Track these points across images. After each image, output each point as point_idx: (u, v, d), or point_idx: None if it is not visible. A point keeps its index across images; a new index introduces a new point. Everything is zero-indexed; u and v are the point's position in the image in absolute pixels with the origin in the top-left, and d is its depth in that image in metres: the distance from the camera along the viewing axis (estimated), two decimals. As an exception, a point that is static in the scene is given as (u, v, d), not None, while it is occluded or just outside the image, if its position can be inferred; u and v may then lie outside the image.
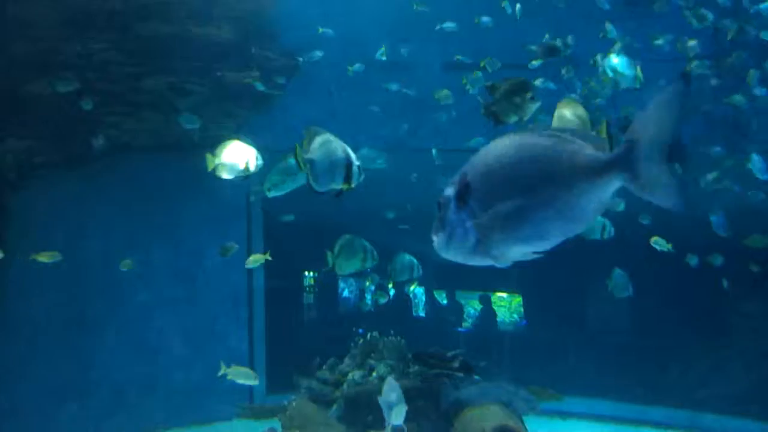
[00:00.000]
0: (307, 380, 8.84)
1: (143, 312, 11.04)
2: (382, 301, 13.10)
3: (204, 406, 10.47)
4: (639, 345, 12.80)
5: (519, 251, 2.65)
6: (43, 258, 8.48)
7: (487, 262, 2.72)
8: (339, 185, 4.56)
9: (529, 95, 4.54)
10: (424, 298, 18.13)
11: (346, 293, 18.01)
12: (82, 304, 10.58)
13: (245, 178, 6.38)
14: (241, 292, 11.68)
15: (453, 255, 2.74)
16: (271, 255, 8.93)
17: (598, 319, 14.02)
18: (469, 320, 17.73)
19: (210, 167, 6.31)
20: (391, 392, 6.05)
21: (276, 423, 8.40)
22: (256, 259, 9.28)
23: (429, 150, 11.26)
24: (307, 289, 16.16)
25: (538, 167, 2.49)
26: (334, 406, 8.56)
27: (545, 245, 2.64)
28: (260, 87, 10.26)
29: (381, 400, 6.07)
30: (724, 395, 11.57)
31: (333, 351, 9.37)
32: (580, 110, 4.45)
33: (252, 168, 6.29)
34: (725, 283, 10.37)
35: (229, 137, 6.71)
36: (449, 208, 2.67)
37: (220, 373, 7.95)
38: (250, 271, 11.39)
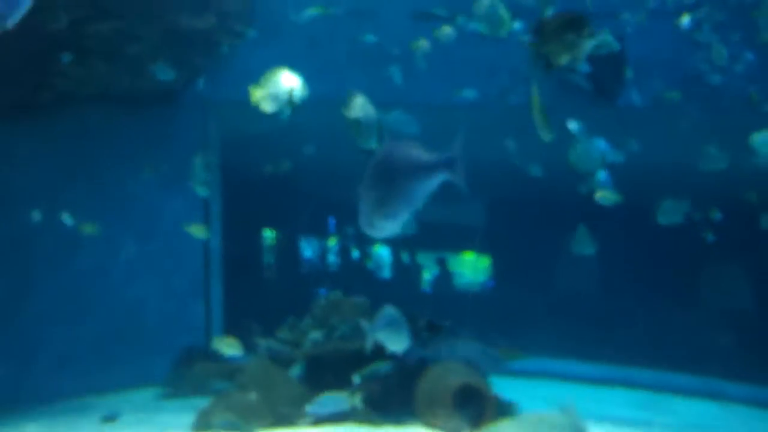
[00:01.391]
0: (267, 340, 8.55)
1: (92, 275, 10.55)
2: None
3: (160, 367, 10.08)
4: (604, 306, 12.79)
5: (388, 225, 3.83)
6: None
7: (379, 234, 3.91)
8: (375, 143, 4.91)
9: (586, 31, 4.08)
10: (389, 259, 17.93)
11: (308, 253, 17.69)
12: (25, 266, 10.05)
13: (291, 109, 5.75)
14: (197, 252, 11.25)
15: (362, 227, 3.89)
16: (227, 215, 8.57)
17: (564, 280, 13.96)
18: (436, 281, 17.66)
19: (253, 100, 5.72)
20: (387, 318, 5.77)
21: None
22: (198, 230, 8.92)
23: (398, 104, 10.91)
24: (268, 249, 15.78)
25: (396, 167, 3.74)
26: (295, 366, 8.30)
27: (400, 220, 3.84)
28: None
29: (373, 326, 5.78)
30: (686, 354, 11.62)
31: (294, 312, 9.06)
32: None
33: (297, 98, 5.69)
34: (688, 245, 10.27)
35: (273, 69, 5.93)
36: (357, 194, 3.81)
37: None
38: (206, 228, 10.97)
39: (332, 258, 16.69)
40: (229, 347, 7.78)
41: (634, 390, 11.16)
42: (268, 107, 5.65)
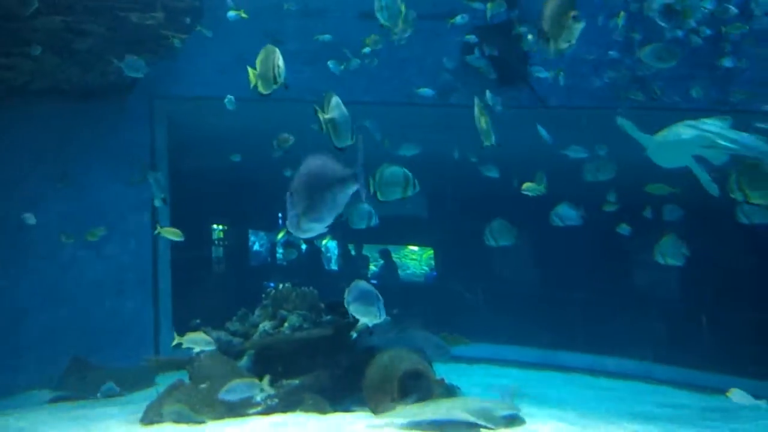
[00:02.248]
0: (216, 332, 8.65)
1: (39, 267, 10.50)
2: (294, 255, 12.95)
3: (108, 362, 10.09)
4: (544, 294, 13.22)
5: (315, 228, 4.51)
6: None
7: (305, 235, 4.59)
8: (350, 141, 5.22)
9: (572, 14, 4.44)
10: (336, 252, 18.09)
11: (257, 247, 17.73)
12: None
13: (285, 88, 5.61)
14: (146, 245, 11.28)
15: (290, 230, 4.51)
16: (176, 209, 8.61)
17: (504, 269, 14.37)
18: (383, 272, 17.90)
19: (252, 81, 5.68)
20: (359, 292, 6.05)
21: (184, 375, 8.20)
22: (171, 233, 8.95)
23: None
24: (217, 242, 15.79)
25: (318, 178, 4.45)
26: (244, 357, 8.45)
27: (325, 224, 4.54)
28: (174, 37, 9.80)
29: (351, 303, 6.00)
30: (625, 340, 12.16)
31: (244, 304, 9.20)
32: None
33: (280, 77, 5.50)
34: (626, 234, 10.69)
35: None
36: (288, 201, 4.41)
37: (174, 342, 7.61)
38: (154, 223, 11.02)
39: (281, 251, 16.78)
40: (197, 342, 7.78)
41: (569, 373, 11.66)
42: (263, 91, 5.60)
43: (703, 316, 12.50)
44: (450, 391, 8.54)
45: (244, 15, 9.70)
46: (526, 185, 8.36)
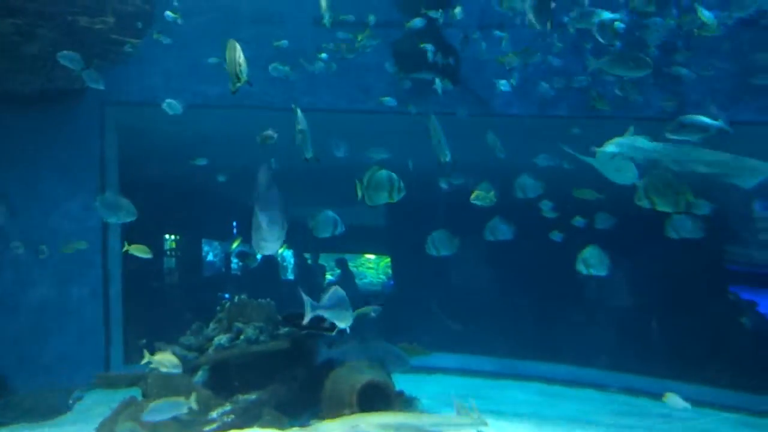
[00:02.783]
0: (170, 346, 8.42)
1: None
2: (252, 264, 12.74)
3: (56, 376, 9.75)
4: (501, 302, 13.27)
5: (276, 245, 5.09)
6: None
7: (265, 251, 5.38)
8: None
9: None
10: (292, 261, 17.90)
11: (210, 257, 17.41)
12: None
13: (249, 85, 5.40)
14: (96, 254, 10.95)
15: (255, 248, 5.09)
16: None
17: (461, 278, 14.39)
18: (339, 281, 17.78)
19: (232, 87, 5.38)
20: (335, 298, 6.09)
21: (136, 392, 7.95)
22: (140, 250, 8.69)
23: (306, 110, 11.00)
24: (169, 252, 15.44)
25: (276, 201, 4.93)
26: (199, 372, 8.24)
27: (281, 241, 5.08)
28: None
29: (322, 305, 6.04)
30: (576, 348, 12.26)
31: (198, 317, 8.99)
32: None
33: (241, 71, 5.22)
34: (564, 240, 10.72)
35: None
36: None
37: (144, 360, 7.32)
38: (105, 232, 10.72)
39: (235, 261, 16.51)
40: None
41: (527, 382, 11.71)
42: (231, 85, 5.39)
43: (656, 323, 12.71)
44: (409, 404, 8.51)
45: (178, 19, 9.51)
46: (475, 194, 8.30)
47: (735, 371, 10.99)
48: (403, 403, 8.32)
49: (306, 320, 5.90)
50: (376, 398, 7.68)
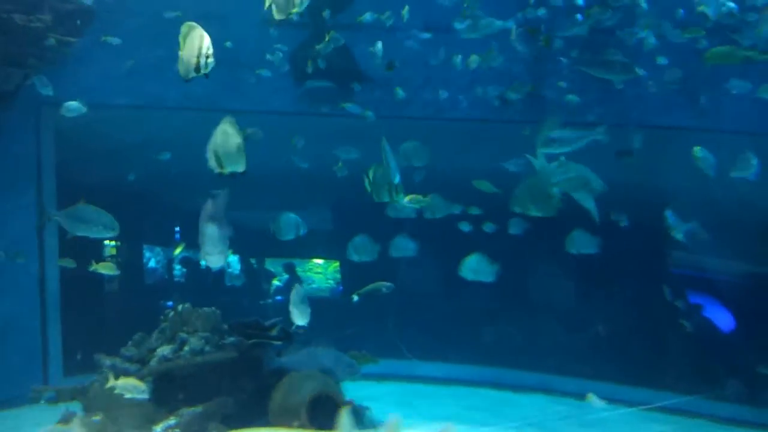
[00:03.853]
0: (111, 359, 8.11)
1: None
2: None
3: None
4: (449, 308, 13.24)
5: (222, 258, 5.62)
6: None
7: (213, 264, 5.73)
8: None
9: None
10: (239, 267, 17.57)
11: (152, 264, 16.97)
12: None
13: (206, 76, 4.70)
14: (32, 265, 10.51)
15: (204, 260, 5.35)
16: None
17: (410, 283, 14.29)
18: (286, 287, 17.54)
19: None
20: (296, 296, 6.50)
21: (76, 406, 7.64)
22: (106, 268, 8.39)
23: (246, 112, 10.81)
24: (109, 259, 14.94)
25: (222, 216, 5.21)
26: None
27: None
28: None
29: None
30: (525, 352, 12.33)
31: (140, 326, 8.68)
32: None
33: (206, 63, 4.54)
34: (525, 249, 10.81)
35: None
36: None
37: (108, 384, 6.98)
38: (41, 239, 10.29)
39: (179, 268, 16.12)
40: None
41: (477, 388, 11.72)
42: (184, 74, 4.71)
43: (601, 327, 12.86)
44: (359, 413, 8.41)
45: None
46: (409, 197, 8.14)
47: (677, 374, 11.20)
48: (353, 411, 8.20)
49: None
50: (326, 408, 7.56)
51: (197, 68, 4.56)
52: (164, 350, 8.16)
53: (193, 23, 4.69)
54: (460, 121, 11.53)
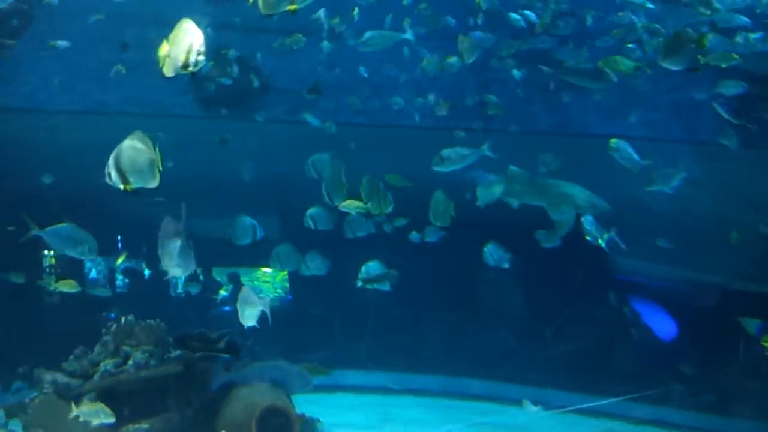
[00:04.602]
0: (51, 374, 7.79)
1: None
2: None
3: None
4: (400, 316, 13.18)
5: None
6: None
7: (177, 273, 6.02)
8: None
9: None
10: (183, 277, 17.16)
11: (93, 274, 16.41)
12: None
13: (192, 74, 4.50)
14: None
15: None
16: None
17: (361, 292, 14.19)
18: (233, 298, 17.16)
19: (160, 61, 4.48)
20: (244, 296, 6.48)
21: (16, 424, 7.33)
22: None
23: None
24: (48, 269, 14.42)
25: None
26: (84, 401, 7.66)
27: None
28: None
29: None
30: (472, 359, 12.36)
31: (81, 340, 8.36)
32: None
33: (196, 61, 4.29)
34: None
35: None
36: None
37: (73, 414, 6.64)
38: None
39: (121, 279, 15.66)
40: None
41: (425, 397, 11.70)
42: (169, 71, 4.46)
43: (550, 333, 12.98)
44: (310, 425, 8.31)
45: None
46: (346, 203, 8.02)
47: (620, 380, 11.38)
48: (304, 425, 8.10)
49: None
50: (277, 422, 7.44)
51: (185, 65, 4.30)
52: (107, 364, 7.91)
53: (188, 19, 4.41)
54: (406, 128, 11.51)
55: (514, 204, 9.17)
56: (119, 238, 15.06)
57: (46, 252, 14.12)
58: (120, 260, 13.42)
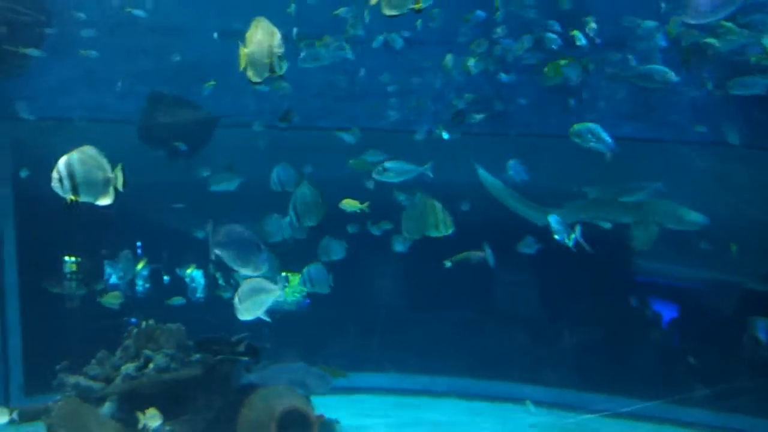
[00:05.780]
0: (75, 377, 7.91)
1: None
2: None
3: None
4: (412, 318, 13.18)
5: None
6: None
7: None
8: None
9: None
10: (203, 282, 17.26)
11: (113, 279, 16.58)
12: None
13: (279, 77, 4.28)
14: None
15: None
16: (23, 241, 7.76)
17: (377, 296, 14.21)
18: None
19: (241, 66, 4.21)
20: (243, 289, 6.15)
21: (40, 426, 7.43)
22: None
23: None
24: (70, 275, 14.60)
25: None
26: (107, 404, 7.81)
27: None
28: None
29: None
30: (491, 361, 12.32)
31: (104, 344, 8.47)
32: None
33: (280, 64, 4.06)
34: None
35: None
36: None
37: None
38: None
39: (142, 284, 15.80)
40: None
41: (444, 398, 11.72)
42: (255, 75, 4.20)
43: (567, 335, 12.91)
44: (329, 427, 8.36)
45: None
46: (345, 202, 7.91)
47: (643, 381, 11.28)
48: (323, 426, 8.15)
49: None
50: (296, 423, 7.51)
51: (271, 69, 4.10)
52: (128, 368, 8.00)
53: (262, 18, 4.18)
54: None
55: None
56: (139, 243, 15.25)
57: (67, 258, 14.34)
58: (140, 265, 13.56)
